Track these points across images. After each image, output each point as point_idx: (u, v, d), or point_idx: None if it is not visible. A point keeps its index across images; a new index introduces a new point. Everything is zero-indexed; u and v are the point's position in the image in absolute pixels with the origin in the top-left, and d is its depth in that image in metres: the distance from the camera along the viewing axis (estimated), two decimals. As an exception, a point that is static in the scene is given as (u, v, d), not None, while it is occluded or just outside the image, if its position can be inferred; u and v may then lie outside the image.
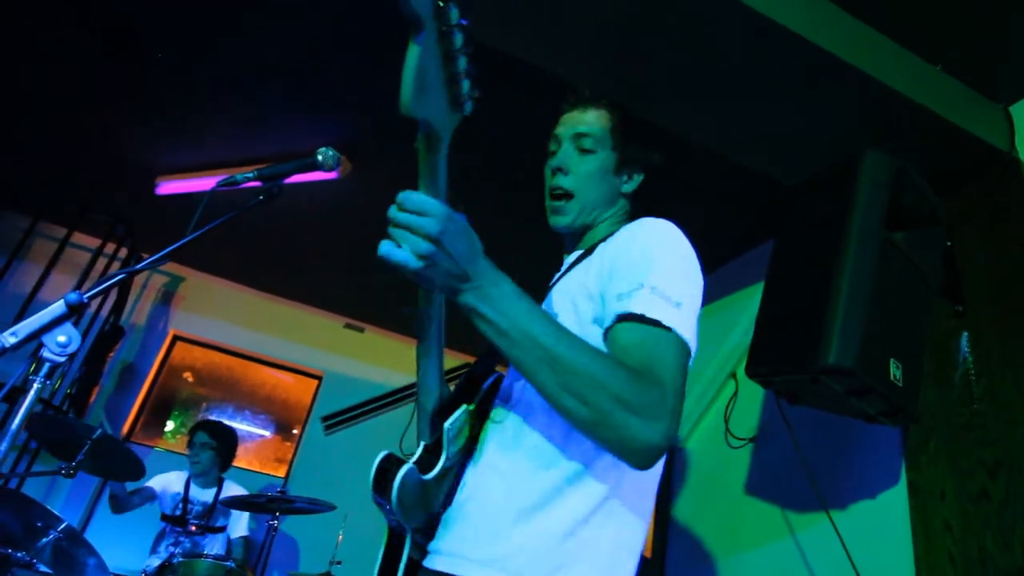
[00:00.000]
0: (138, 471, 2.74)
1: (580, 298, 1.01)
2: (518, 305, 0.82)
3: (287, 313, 4.76)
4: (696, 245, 1.01)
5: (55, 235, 3.98)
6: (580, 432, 0.85)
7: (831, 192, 1.80)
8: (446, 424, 0.99)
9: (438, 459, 0.98)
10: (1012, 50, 1.99)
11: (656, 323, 0.85)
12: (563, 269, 1.16)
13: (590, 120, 1.19)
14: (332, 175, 2.88)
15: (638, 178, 1.21)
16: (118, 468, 2.75)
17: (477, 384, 1.10)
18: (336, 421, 4.60)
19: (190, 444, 3.37)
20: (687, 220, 1.07)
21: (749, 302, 2.78)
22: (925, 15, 1.93)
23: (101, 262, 4.00)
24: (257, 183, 1.34)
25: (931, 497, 1.95)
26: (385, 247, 0.75)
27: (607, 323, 0.90)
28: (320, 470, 4.41)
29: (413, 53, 0.68)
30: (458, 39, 0.70)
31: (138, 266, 1.13)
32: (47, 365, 1.05)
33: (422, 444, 1.03)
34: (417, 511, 0.98)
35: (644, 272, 0.90)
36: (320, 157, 1.41)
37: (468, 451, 1.05)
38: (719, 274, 3.20)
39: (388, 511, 0.97)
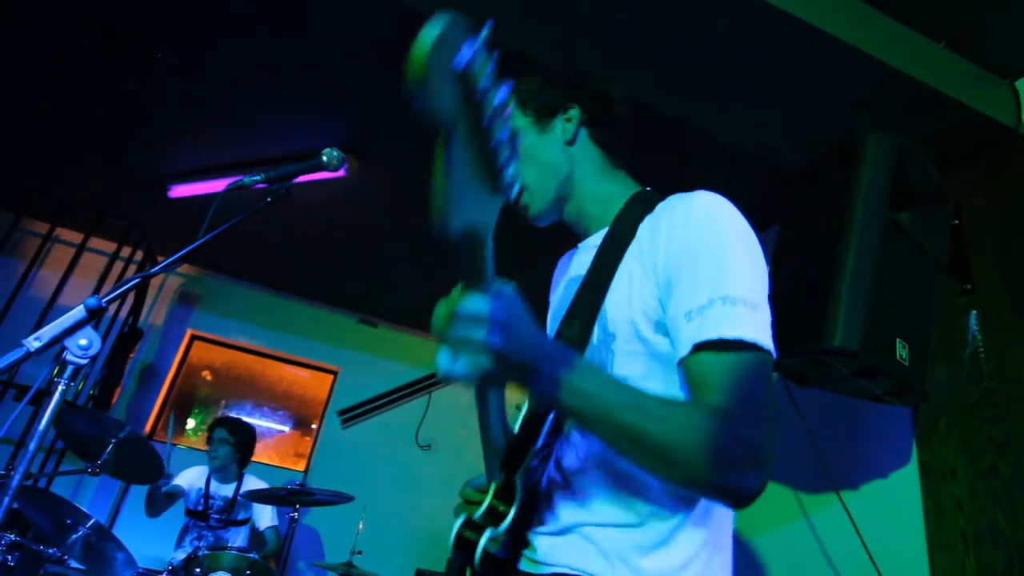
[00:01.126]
0: (159, 472, 2.81)
1: (641, 318, 0.88)
2: (590, 383, 0.74)
3: (301, 310, 4.83)
4: None
5: (72, 241, 4.06)
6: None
7: (834, 175, 1.80)
8: (516, 477, 0.91)
9: (509, 508, 0.90)
10: (1017, 24, 1.96)
11: (735, 345, 0.76)
12: (595, 257, 0.99)
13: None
14: (339, 174, 2.91)
15: (575, 113, 1.05)
16: (142, 467, 2.82)
17: (539, 424, 0.98)
18: (353, 415, 4.67)
19: (209, 440, 3.46)
20: None
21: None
22: (927, -8, 1.91)
23: (118, 266, 4.08)
24: (265, 185, 1.38)
25: (942, 475, 1.95)
26: (443, 363, 0.71)
27: (680, 353, 0.80)
28: (338, 463, 4.49)
29: (445, 175, 0.57)
30: (496, 130, 0.55)
31: (152, 270, 1.17)
32: (70, 368, 1.10)
33: (492, 489, 0.93)
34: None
35: (707, 277, 0.80)
36: (325, 158, 1.44)
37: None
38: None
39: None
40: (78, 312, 1.09)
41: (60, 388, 1.09)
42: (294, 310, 4.80)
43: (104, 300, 1.13)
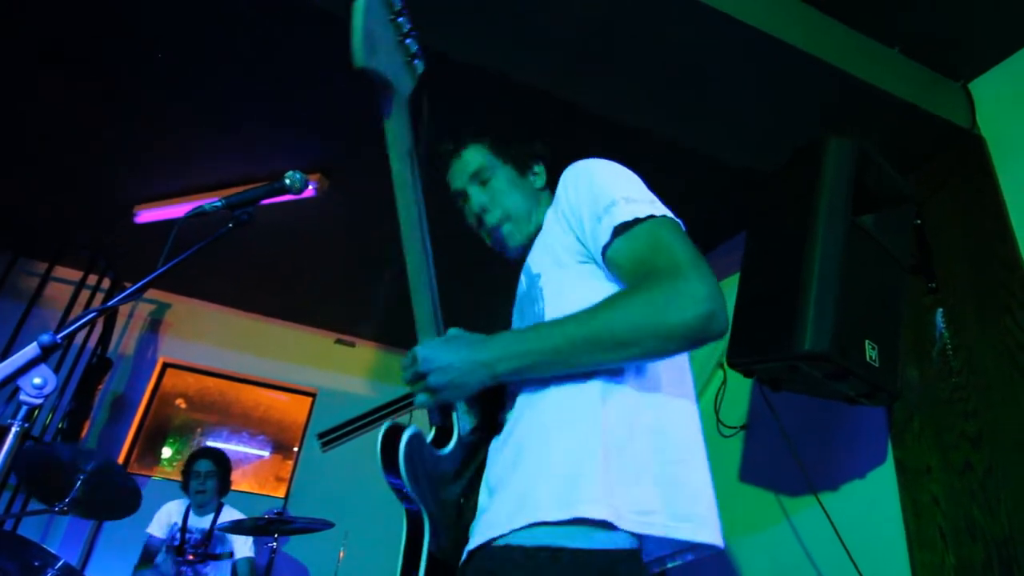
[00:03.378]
0: (134, 502, 2.73)
1: (552, 251, 1.06)
2: (523, 343, 0.92)
3: (276, 332, 4.75)
4: None
5: (36, 270, 3.96)
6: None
7: (796, 180, 1.83)
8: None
9: (451, 435, 1.00)
10: (967, 28, 2.02)
11: (641, 220, 0.92)
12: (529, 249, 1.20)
13: (471, 158, 1.25)
14: (307, 194, 2.88)
15: (541, 168, 1.28)
16: (115, 502, 2.73)
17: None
18: (332, 437, 4.59)
19: (191, 473, 3.35)
20: None
21: (730, 292, 2.81)
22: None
23: (84, 294, 3.98)
24: (226, 211, 1.35)
25: (918, 473, 1.98)
26: (418, 399, 0.93)
27: (602, 244, 0.95)
28: (320, 487, 4.40)
29: (358, 12, 0.73)
30: (396, 2, 0.77)
31: (109, 303, 1.13)
32: (24, 408, 1.06)
33: (433, 427, 1.04)
34: (434, 488, 0.96)
35: (606, 193, 0.98)
36: (288, 181, 1.41)
37: (485, 429, 1.04)
38: (701, 265, 3.23)
39: (400, 487, 0.94)
40: (31, 350, 1.04)
41: (15, 430, 1.05)
42: (269, 333, 4.73)
43: (59, 336, 1.08)
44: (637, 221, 0.92)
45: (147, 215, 3.39)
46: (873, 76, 1.95)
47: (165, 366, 4.61)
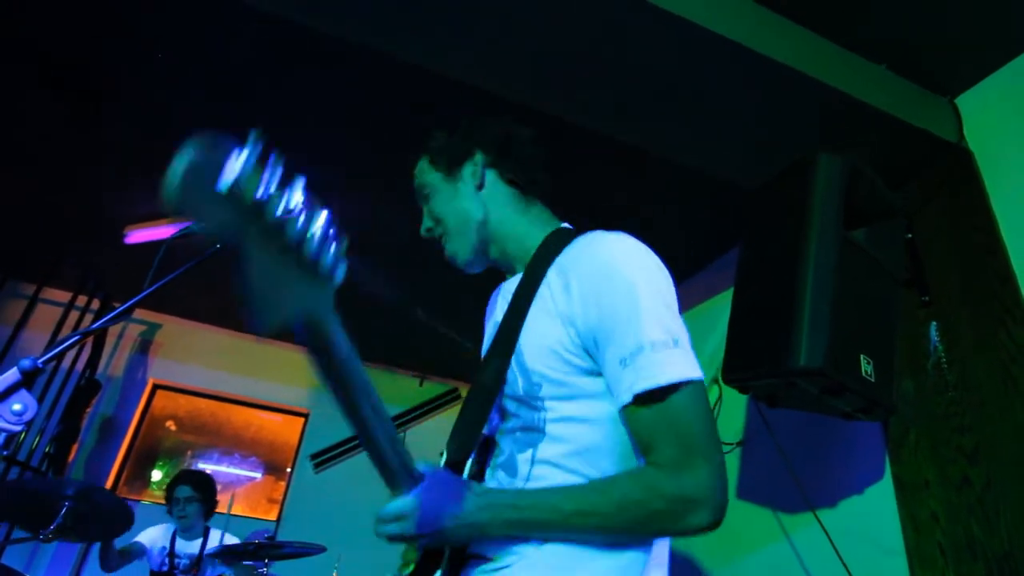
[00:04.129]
0: (125, 526, 2.67)
1: (557, 363, 0.95)
2: (520, 515, 0.86)
3: (268, 352, 4.71)
4: (668, 253, 1.00)
5: (25, 292, 3.92)
6: None
7: (787, 196, 1.83)
8: None
9: (436, 568, 0.93)
10: (953, 44, 2.05)
11: (668, 389, 0.84)
12: (511, 303, 1.05)
13: (416, 176, 1.18)
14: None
15: (481, 158, 1.12)
16: (104, 527, 2.68)
17: (465, 449, 1.02)
18: (325, 459, 4.54)
19: (172, 500, 3.27)
20: (655, 229, 1.06)
21: (726, 306, 2.81)
22: (866, 16, 1.98)
23: (74, 315, 3.94)
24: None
25: (916, 488, 1.96)
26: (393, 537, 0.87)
27: (620, 402, 0.88)
28: (312, 509, 4.34)
29: (245, 284, 0.56)
30: (291, 231, 0.57)
31: (94, 326, 1.11)
32: (3, 435, 1.03)
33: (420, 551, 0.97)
34: None
35: (630, 327, 0.87)
36: (277, 200, 1.41)
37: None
38: (694, 280, 3.23)
39: None
40: (11, 375, 1.02)
41: (-7, 458, 1.02)
42: (261, 353, 4.68)
43: (40, 361, 1.06)
44: (662, 392, 0.84)
45: (137, 236, 3.36)
46: (861, 92, 1.97)
47: (155, 387, 4.56)
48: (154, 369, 4.49)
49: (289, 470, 4.64)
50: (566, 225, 1.13)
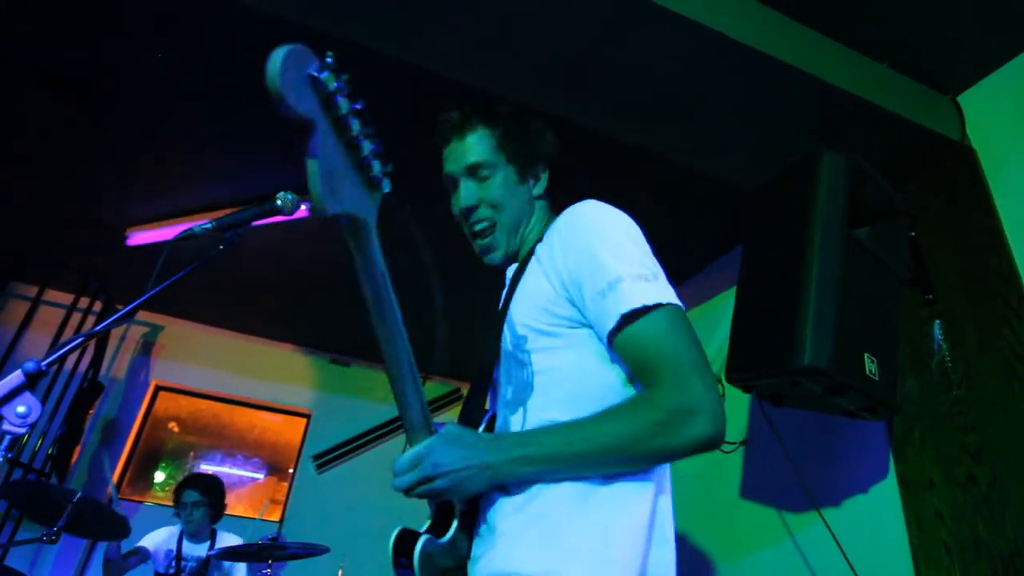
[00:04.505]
0: (124, 530, 2.68)
1: (542, 315, 1.01)
2: (528, 449, 0.89)
3: (270, 353, 4.71)
4: (669, 252, 1.04)
5: (27, 294, 3.92)
6: None
7: (790, 195, 1.83)
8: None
9: (451, 520, 0.97)
10: (955, 42, 2.04)
11: (645, 310, 0.89)
12: (508, 285, 1.14)
13: (473, 146, 1.13)
14: (299, 215, 2.87)
15: (545, 175, 1.19)
16: (104, 528, 2.69)
17: (474, 420, 1.07)
18: (328, 459, 4.54)
19: (180, 504, 3.28)
20: (657, 228, 1.08)
21: (729, 305, 2.81)
22: (867, 15, 1.98)
23: (76, 317, 3.94)
24: (217, 233, 1.33)
25: (920, 487, 1.96)
26: (411, 494, 0.89)
27: (608, 329, 0.92)
28: (316, 510, 4.34)
29: (313, 162, 0.64)
30: (355, 125, 0.67)
31: (97, 328, 1.11)
32: (8, 437, 1.03)
33: (433, 507, 1.01)
34: (445, 570, 0.97)
35: (610, 266, 0.93)
36: (279, 202, 1.40)
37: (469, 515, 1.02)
38: (697, 280, 3.23)
39: None
40: (15, 378, 1.02)
41: (-2, 460, 1.02)
42: (263, 354, 4.68)
43: (44, 363, 1.06)
44: (645, 310, 0.89)
45: (139, 237, 3.37)
46: (864, 91, 1.97)
47: (157, 389, 4.56)
48: (157, 371, 4.49)
49: (291, 471, 4.64)
50: None
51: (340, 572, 3.23)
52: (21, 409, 1.03)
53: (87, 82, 2.52)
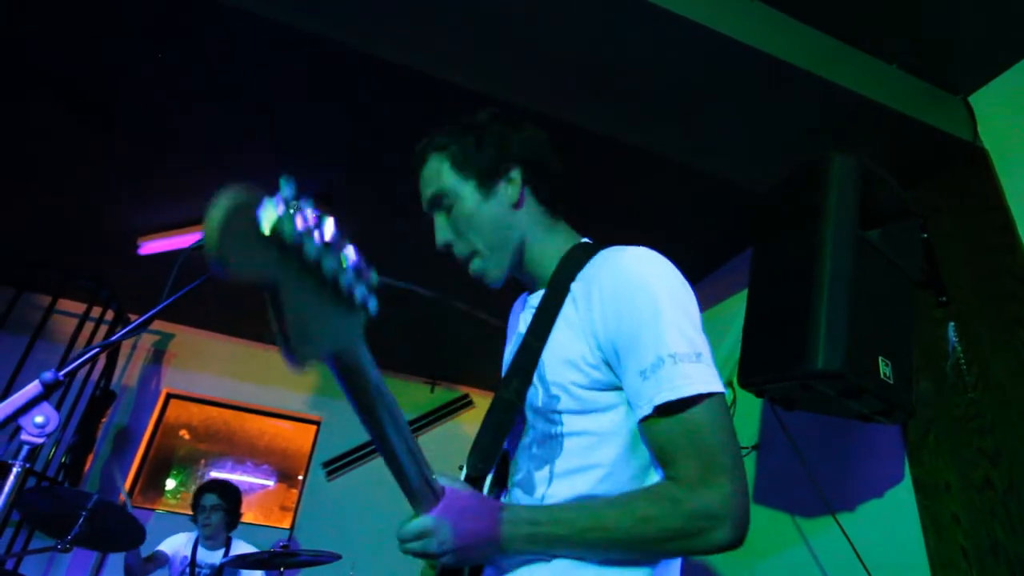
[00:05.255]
0: (139, 537, 2.69)
1: (577, 375, 0.94)
2: (538, 529, 0.85)
3: (280, 360, 4.67)
4: (678, 256, 0.99)
5: (39, 304, 3.95)
6: None
7: (801, 197, 1.82)
8: None
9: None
10: (964, 42, 2.03)
11: (689, 401, 0.83)
12: (535, 315, 1.03)
13: (430, 176, 1.07)
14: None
15: (516, 174, 1.06)
16: (118, 538, 2.70)
17: (485, 464, 1.00)
18: (338, 466, 4.54)
19: (198, 507, 3.30)
20: (665, 231, 1.05)
21: (739, 309, 2.80)
22: (876, 15, 1.97)
23: (88, 327, 3.97)
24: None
25: (936, 491, 1.94)
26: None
27: (640, 414, 0.87)
28: (326, 517, 4.34)
29: (279, 325, 0.56)
30: (328, 264, 0.58)
31: (112, 338, 1.12)
32: (26, 448, 1.03)
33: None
34: None
35: (651, 339, 0.86)
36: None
37: None
38: (706, 283, 3.22)
39: None
40: (33, 388, 1.03)
41: (16, 470, 1.03)
42: (272, 361, 4.70)
43: (62, 374, 1.07)
44: (682, 404, 0.83)
45: (150, 246, 3.39)
46: (873, 92, 1.96)
47: (168, 397, 4.58)
48: (168, 379, 4.52)
49: (301, 478, 4.64)
50: (587, 240, 1.10)
51: (351, 581, 3.23)
52: (39, 419, 1.04)
53: (97, 92, 2.54)
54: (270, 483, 4.74)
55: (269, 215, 0.51)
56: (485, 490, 0.99)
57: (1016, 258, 1.89)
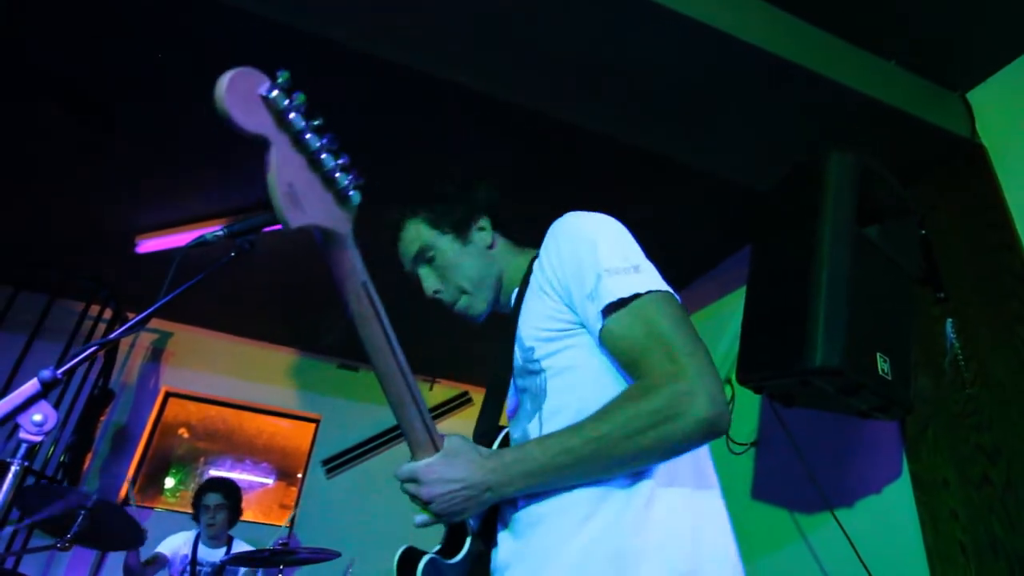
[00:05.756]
0: (138, 537, 2.69)
1: (546, 322, 1.01)
2: (530, 463, 0.87)
3: (279, 359, 4.73)
4: (676, 253, 1.02)
5: (37, 303, 3.94)
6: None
7: (799, 194, 1.82)
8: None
9: (463, 540, 0.96)
10: (962, 38, 2.03)
11: (630, 298, 0.89)
12: (512, 306, 1.14)
13: (411, 238, 1.20)
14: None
15: (486, 222, 1.21)
16: (116, 537, 2.69)
17: (487, 443, 1.05)
18: (337, 464, 4.54)
19: (201, 507, 3.30)
20: (663, 229, 1.07)
21: (737, 306, 2.80)
22: (875, 13, 1.97)
23: (87, 325, 3.96)
24: (229, 240, 1.34)
25: (934, 487, 1.94)
26: (418, 518, 0.90)
27: (596, 329, 0.92)
28: (326, 514, 4.34)
29: (270, 176, 0.65)
30: (313, 142, 0.67)
31: (110, 337, 1.11)
32: (24, 446, 1.03)
33: (444, 532, 1.00)
34: None
35: (591, 265, 0.94)
36: (289, 208, 1.41)
37: (493, 513, 1.01)
38: (703, 281, 3.22)
39: None
40: (31, 386, 1.02)
41: (15, 469, 1.03)
42: (271, 359, 4.70)
43: (60, 372, 1.07)
44: (623, 302, 0.88)
45: (148, 245, 3.39)
46: (871, 89, 1.96)
47: (167, 395, 4.58)
48: (166, 377, 4.51)
49: (300, 476, 4.65)
50: None
51: (350, 578, 3.23)
52: (37, 417, 1.03)
53: (97, 92, 2.53)
54: (269, 481, 4.74)
55: (267, 85, 0.65)
56: None
57: (1014, 254, 1.89)
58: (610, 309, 0.89)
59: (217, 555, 3.27)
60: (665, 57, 1.88)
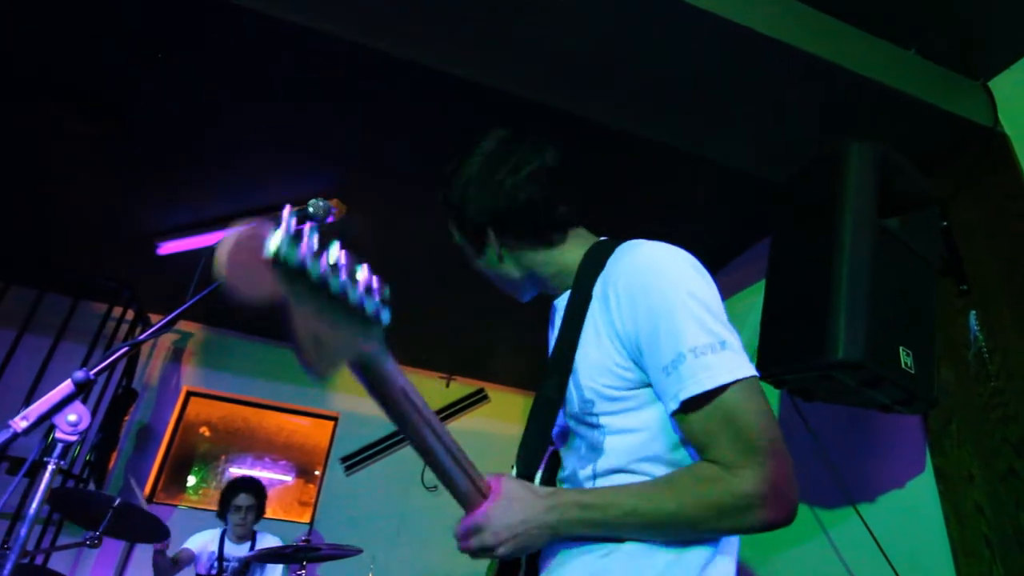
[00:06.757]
0: (161, 532, 2.74)
1: (609, 378, 0.95)
2: (588, 513, 0.87)
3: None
4: (695, 247, 0.98)
5: (61, 305, 4.02)
6: None
7: (819, 186, 1.80)
8: None
9: (517, 571, 0.97)
10: (983, 26, 2.00)
11: (716, 392, 0.83)
12: (563, 319, 1.05)
13: (454, 236, 1.19)
14: (330, 221, 2.91)
15: (494, 236, 1.11)
16: (142, 531, 2.75)
17: (533, 462, 1.03)
18: (356, 461, 4.59)
19: (232, 507, 3.37)
20: (681, 222, 1.05)
21: (756, 300, 2.78)
22: (893, 1, 1.95)
23: (109, 326, 4.04)
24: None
25: (959, 481, 1.92)
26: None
27: (672, 406, 0.87)
28: (345, 511, 4.39)
29: (295, 336, 0.61)
30: (334, 283, 0.62)
31: (140, 337, 1.14)
32: (60, 445, 1.06)
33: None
34: None
35: (669, 336, 0.87)
36: (312, 208, 1.43)
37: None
38: (723, 274, 3.20)
39: None
40: (66, 387, 1.05)
41: (51, 468, 1.06)
42: (289, 358, 4.70)
43: (92, 373, 1.09)
44: (707, 397, 0.83)
45: (169, 247, 3.43)
46: (891, 79, 1.93)
47: (189, 395, 4.65)
48: (187, 377, 4.58)
49: (318, 473, 4.70)
50: (603, 238, 1.12)
51: (371, 574, 3.27)
52: (72, 418, 1.06)
53: (114, 98, 2.57)
54: (289, 479, 4.80)
55: (273, 243, 0.57)
56: (539, 477, 1.02)
57: (1039, 245, 1.86)
58: (688, 403, 0.85)
59: (242, 551, 3.32)
60: (682, 50, 1.87)
